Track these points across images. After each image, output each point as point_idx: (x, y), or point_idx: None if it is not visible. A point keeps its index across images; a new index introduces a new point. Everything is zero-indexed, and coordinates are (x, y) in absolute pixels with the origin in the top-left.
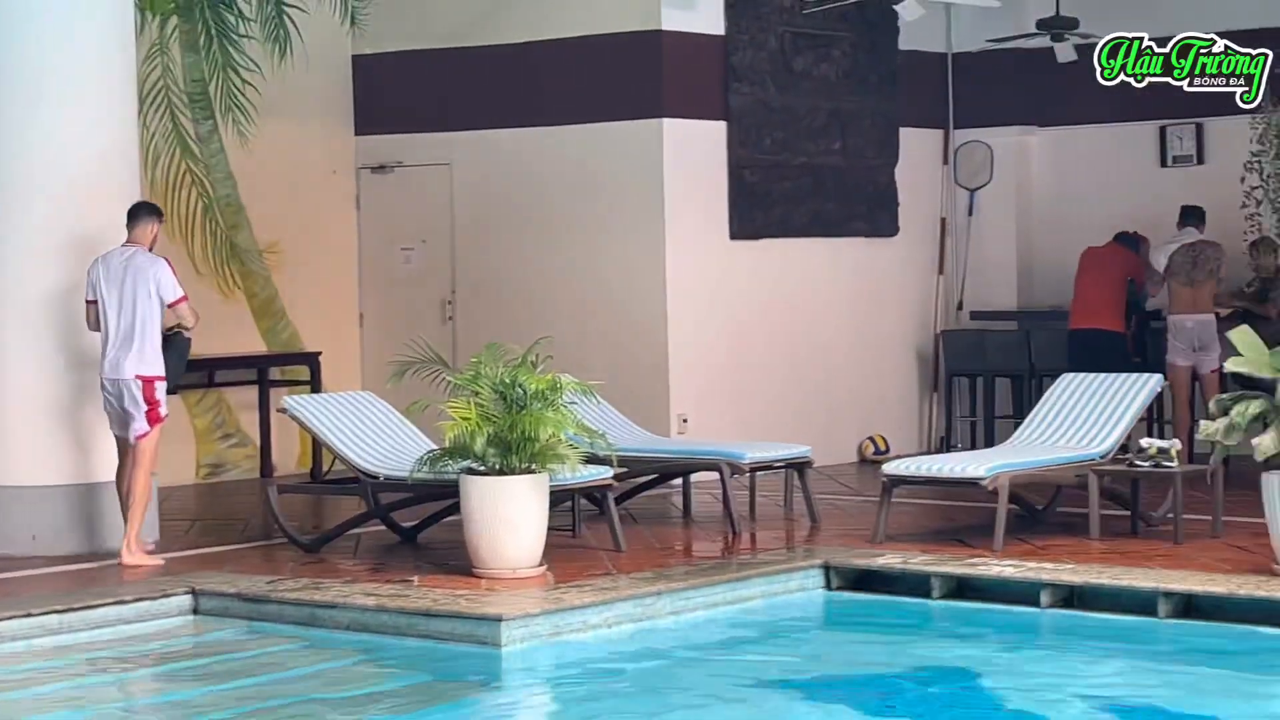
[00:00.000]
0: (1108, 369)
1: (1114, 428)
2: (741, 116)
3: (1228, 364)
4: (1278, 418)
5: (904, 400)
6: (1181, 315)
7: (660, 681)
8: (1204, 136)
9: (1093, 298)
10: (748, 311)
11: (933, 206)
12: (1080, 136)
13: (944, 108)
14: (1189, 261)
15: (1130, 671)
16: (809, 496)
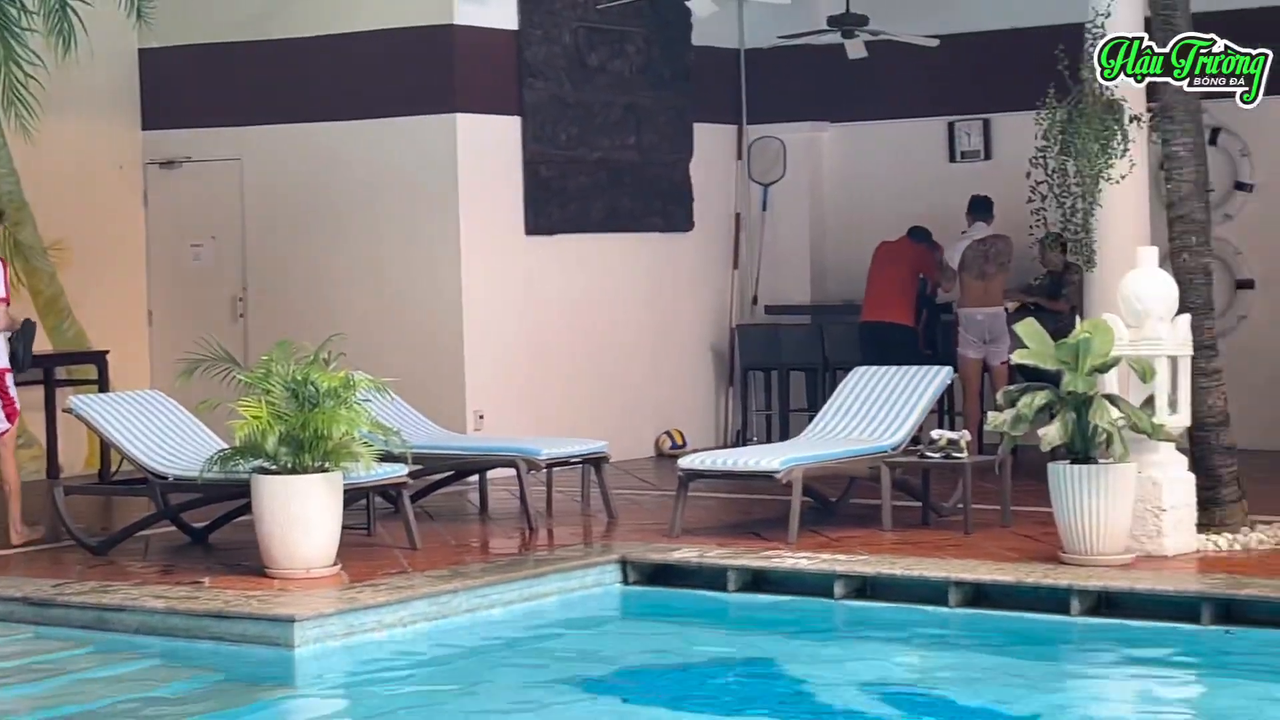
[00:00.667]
0: (899, 362)
1: (905, 420)
2: (536, 112)
3: (1014, 356)
4: (1063, 409)
5: (700, 395)
6: (972, 308)
7: (456, 680)
8: (991, 132)
9: (884, 291)
10: (544, 307)
11: (727, 202)
12: (871, 132)
13: (737, 103)
14: (980, 256)
15: (921, 661)
16: (606, 492)
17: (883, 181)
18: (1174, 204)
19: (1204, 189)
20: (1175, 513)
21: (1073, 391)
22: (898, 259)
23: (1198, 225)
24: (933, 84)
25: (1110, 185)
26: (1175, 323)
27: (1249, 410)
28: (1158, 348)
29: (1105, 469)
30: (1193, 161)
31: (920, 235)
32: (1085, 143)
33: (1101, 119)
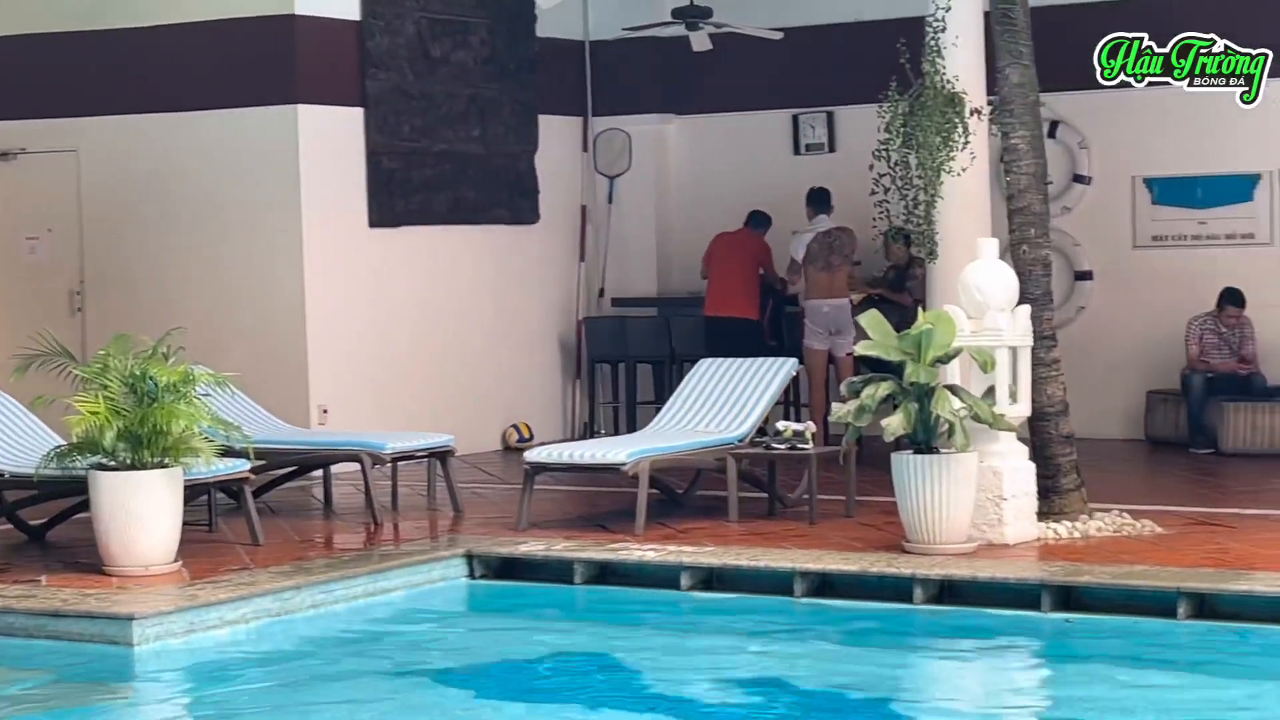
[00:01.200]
0: (745, 354)
1: (751, 412)
2: (379, 103)
3: (857, 347)
4: (905, 399)
5: (547, 387)
6: (817, 300)
7: (299, 677)
8: (835, 125)
9: (725, 285)
10: (389, 300)
11: (573, 194)
12: (716, 124)
13: (582, 95)
14: (825, 248)
15: (766, 650)
16: (452, 486)
17: (728, 174)
18: (1013, 196)
19: (1043, 182)
20: (1016, 501)
21: (915, 382)
22: (737, 250)
23: (1037, 217)
24: (777, 76)
25: (951, 178)
26: (1015, 314)
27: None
28: (998, 338)
29: (947, 459)
30: (1031, 154)
31: (760, 221)
32: (927, 135)
33: (942, 112)
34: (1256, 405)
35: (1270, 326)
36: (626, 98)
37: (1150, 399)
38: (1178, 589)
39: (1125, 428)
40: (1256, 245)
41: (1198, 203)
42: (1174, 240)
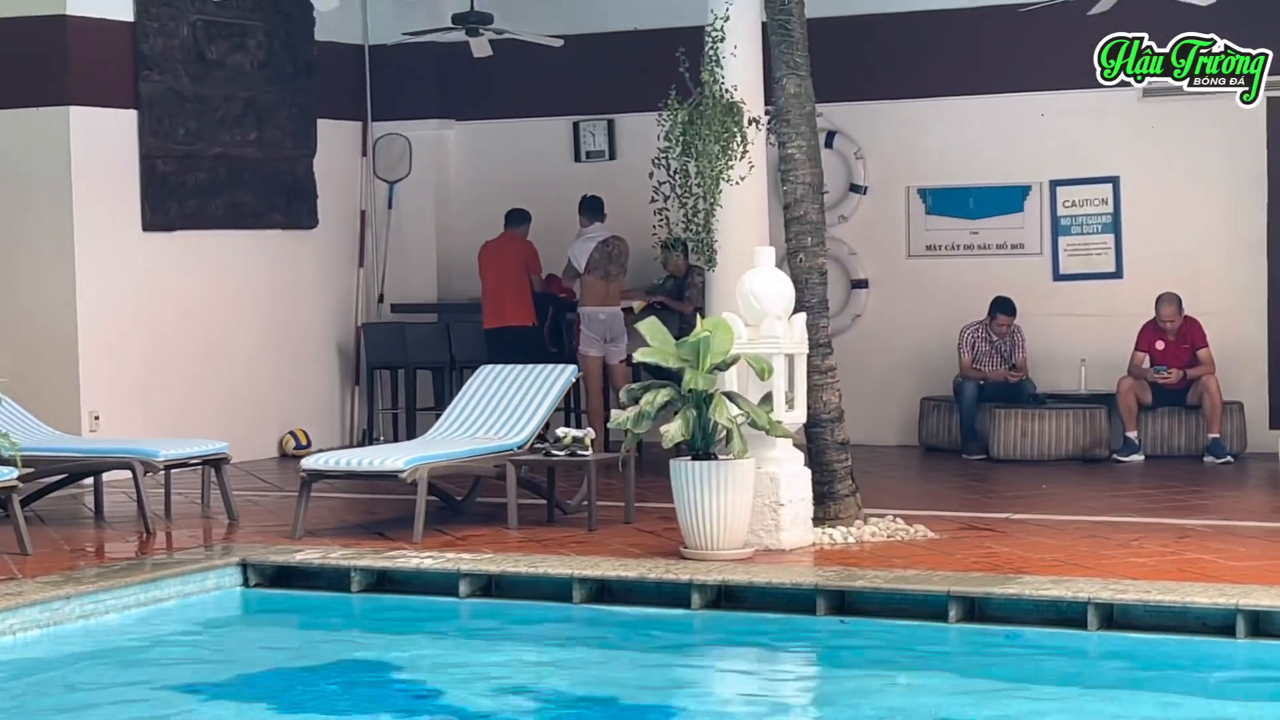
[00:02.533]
0: (524, 361)
1: (530, 418)
2: (153, 105)
3: (637, 354)
4: (684, 406)
5: (325, 394)
6: (594, 307)
7: (68, 688)
8: (615, 132)
9: (497, 295)
10: (163, 306)
11: (352, 199)
12: (497, 131)
13: (362, 99)
14: (605, 257)
15: (545, 657)
16: (226, 493)
17: (508, 180)
18: (790, 205)
19: (819, 191)
20: (792, 507)
21: (693, 389)
22: (502, 258)
23: (813, 226)
24: (557, 83)
25: (730, 186)
26: (792, 321)
27: (863, 406)
28: (775, 346)
29: (725, 465)
30: (808, 164)
31: (517, 219)
32: (706, 144)
33: (721, 121)
34: (1026, 411)
35: (1039, 334)
36: (406, 102)
37: (924, 406)
38: (948, 592)
39: (900, 434)
40: (1026, 255)
41: (970, 213)
42: (947, 250)
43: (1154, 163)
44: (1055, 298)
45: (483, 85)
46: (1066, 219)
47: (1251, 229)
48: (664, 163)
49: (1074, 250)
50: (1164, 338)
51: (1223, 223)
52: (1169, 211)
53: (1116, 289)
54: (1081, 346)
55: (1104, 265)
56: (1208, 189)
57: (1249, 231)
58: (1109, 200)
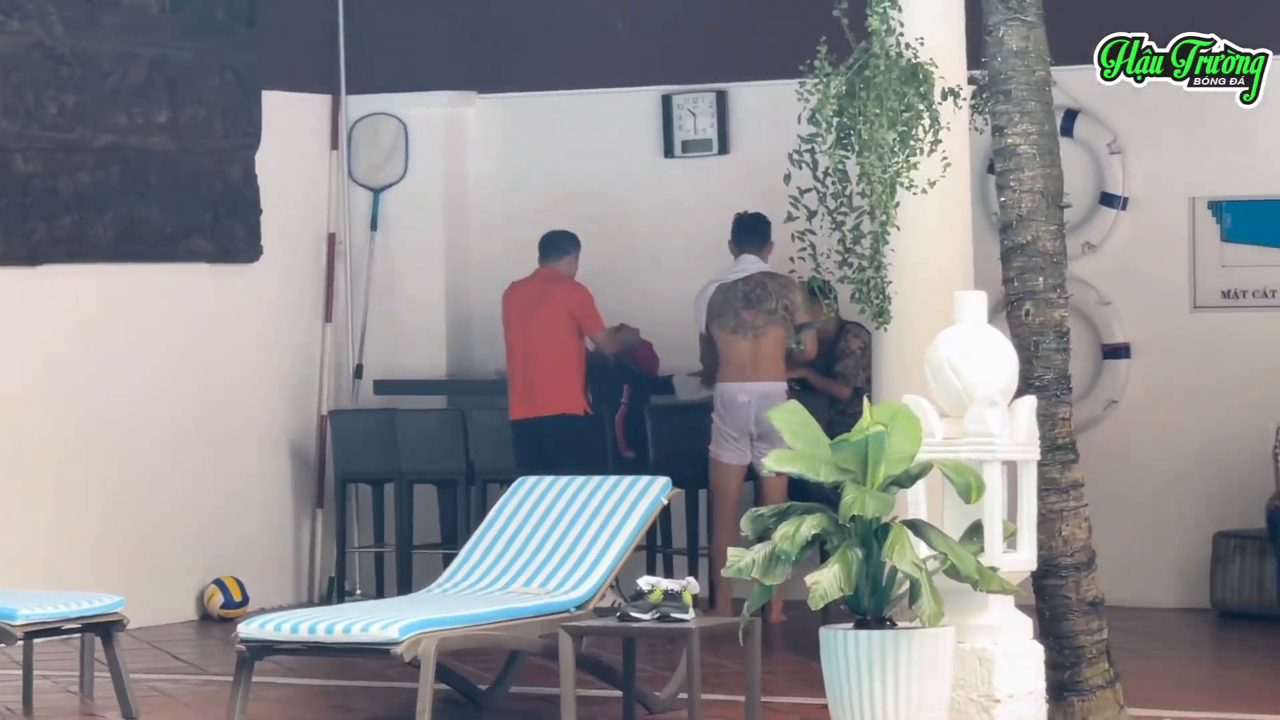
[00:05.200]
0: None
1: (597, 561)
2: (8, 69)
3: (767, 460)
4: (843, 544)
5: (270, 521)
6: (733, 384)
7: None
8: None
9: (526, 368)
10: (22, 384)
11: (316, 215)
12: (540, 108)
13: (332, 62)
14: (740, 299)
15: None
16: (120, 676)
17: (559, 186)
18: (1011, 226)
19: (1057, 204)
20: (1016, 705)
21: (858, 516)
22: (535, 309)
23: (1047, 259)
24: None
25: (914, 195)
26: (1015, 409)
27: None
28: (989, 449)
29: (908, 637)
30: (1039, 162)
31: (556, 246)
32: (875, 130)
33: (900, 93)
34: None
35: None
36: (401, 66)
37: (1220, 544)
38: None
39: (1183, 589)
40: None
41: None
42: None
43: None
44: None
45: (519, 39)
46: None
47: None
48: (808, 159)
49: None
50: None
51: None
52: None
53: None
54: None
55: None
56: None
57: None
58: None
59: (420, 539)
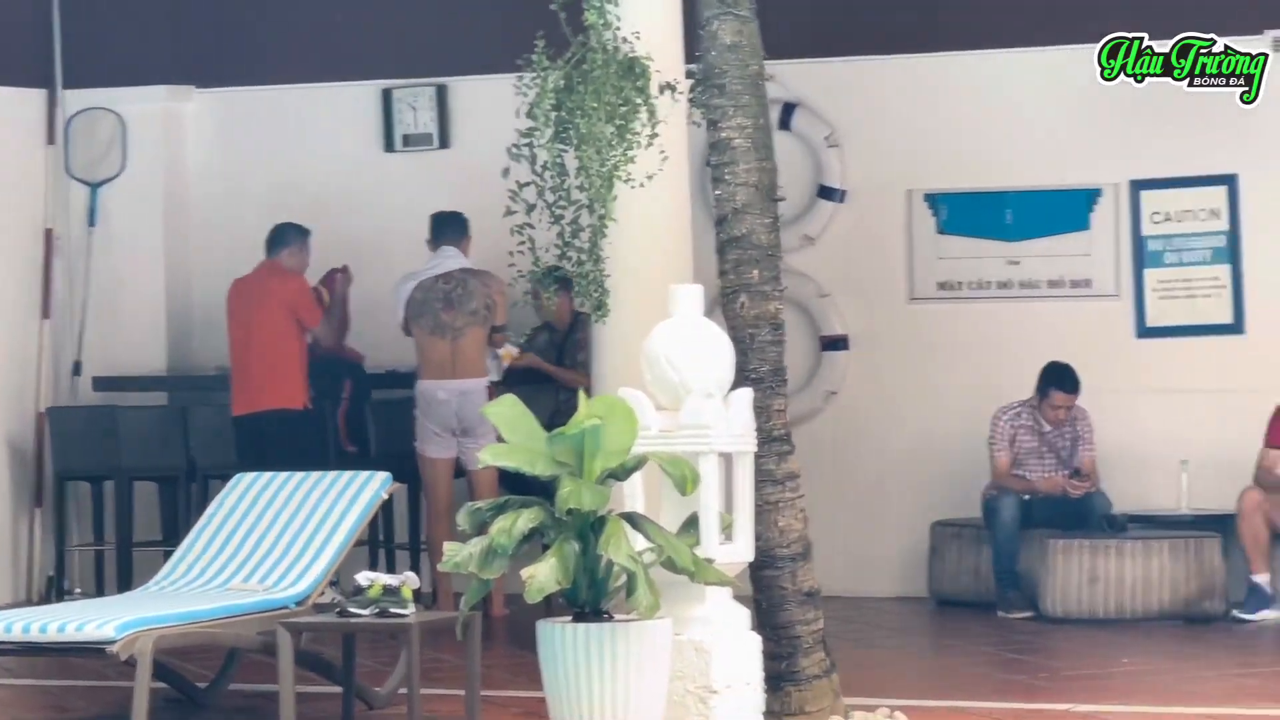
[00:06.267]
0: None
1: (316, 557)
2: None
3: (482, 454)
4: (560, 537)
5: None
6: (432, 381)
7: None
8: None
9: (247, 362)
10: None
11: (31, 211)
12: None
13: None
14: (439, 299)
15: None
16: None
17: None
18: (726, 219)
19: (771, 197)
20: (733, 696)
21: (575, 510)
22: (257, 304)
23: (762, 252)
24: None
25: (631, 189)
26: (730, 402)
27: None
28: (704, 441)
29: (624, 629)
30: (754, 155)
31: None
32: (593, 124)
33: (618, 87)
34: (1096, 543)
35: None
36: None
37: (937, 534)
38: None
39: (900, 579)
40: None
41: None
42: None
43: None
44: (1140, 365)
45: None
46: (1157, 242)
47: None
48: (527, 153)
49: (1168, 290)
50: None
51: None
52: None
53: (1235, 350)
54: (1182, 440)
55: (1215, 313)
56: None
57: None
58: (1222, 213)
59: (141, 536)
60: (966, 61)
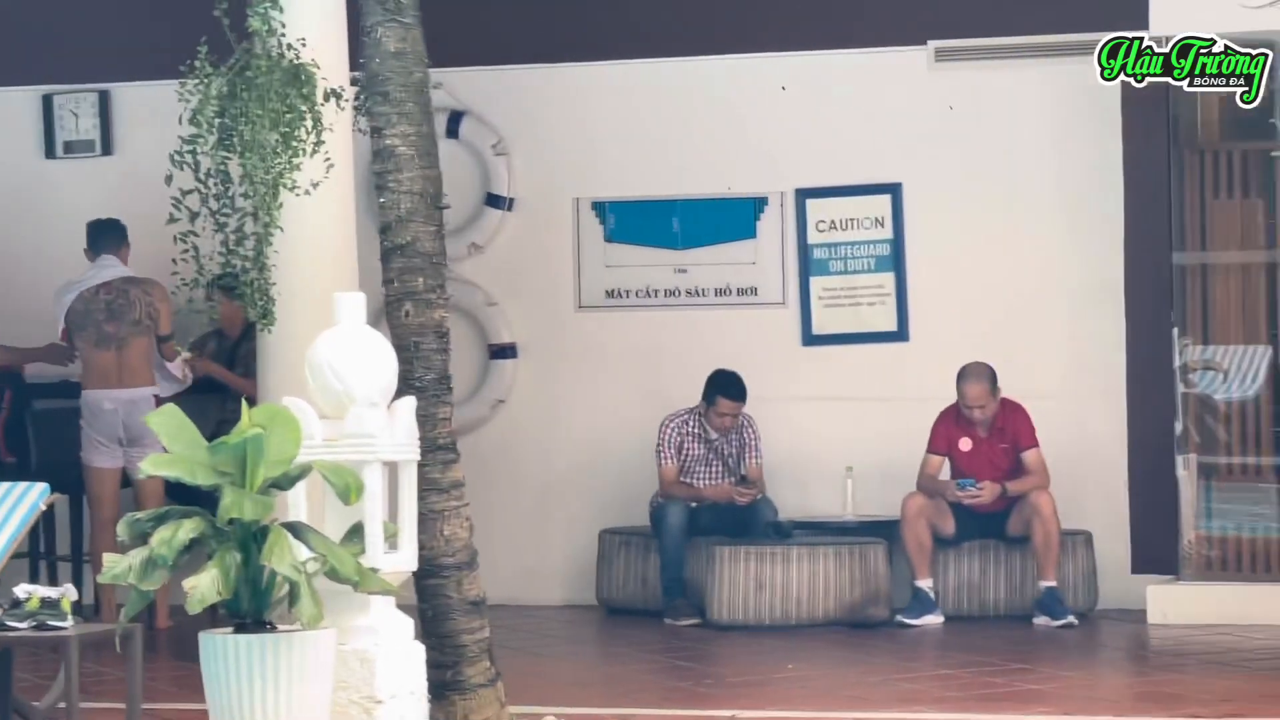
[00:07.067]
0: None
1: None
2: None
3: (144, 464)
4: (222, 547)
5: None
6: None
7: None
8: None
9: None
10: None
11: None
12: None
13: None
14: (101, 310)
15: None
16: None
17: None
18: (390, 227)
19: (436, 204)
20: (397, 705)
21: (236, 519)
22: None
23: (426, 260)
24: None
25: (296, 196)
26: (394, 410)
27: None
28: (368, 449)
29: (287, 639)
30: (417, 163)
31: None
32: (257, 130)
33: (282, 94)
34: (761, 550)
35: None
36: None
37: (605, 542)
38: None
39: (567, 587)
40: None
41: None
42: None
43: (953, 163)
44: (806, 372)
45: None
46: (822, 250)
47: (1102, 266)
48: (190, 160)
49: (833, 298)
50: (971, 432)
51: (1059, 255)
52: (977, 238)
53: (899, 357)
54: (847, 447)
55: (879, 321)
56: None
57: (1098, 269)
58: (886, 220)
59: None
60: (633, 70)
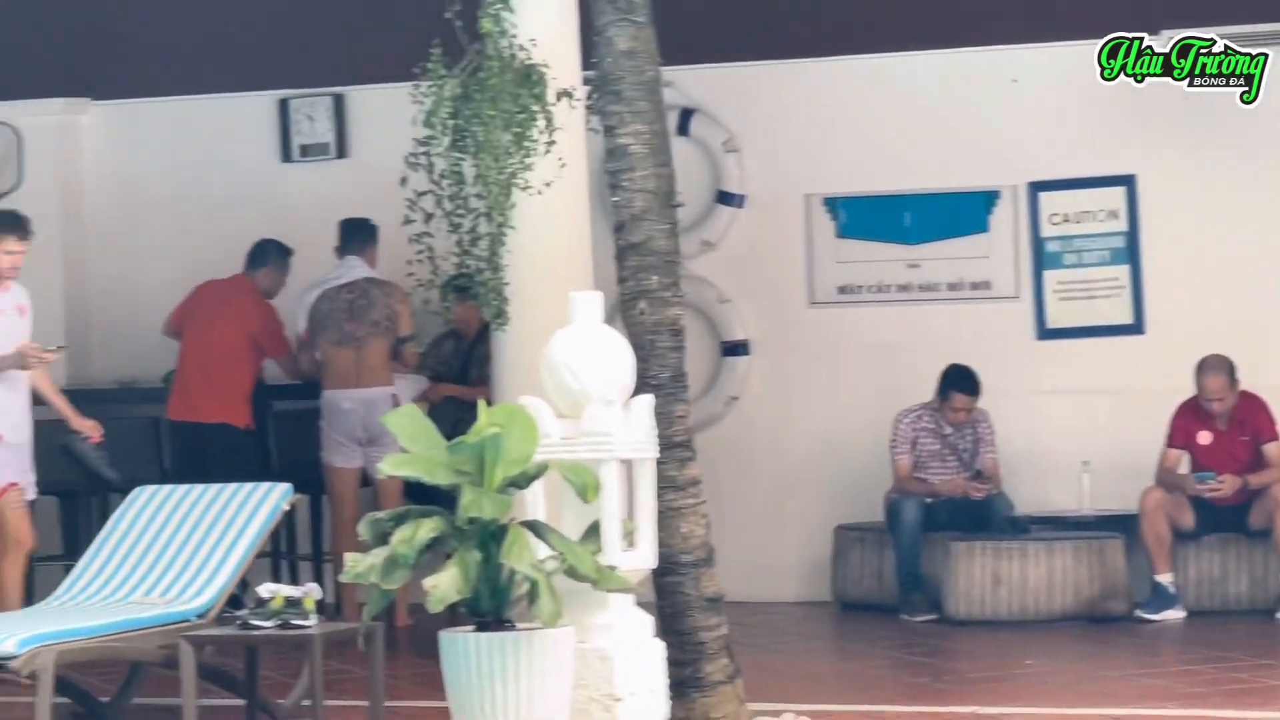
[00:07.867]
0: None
1: (218, 570)
2: None
3: (383, 464)
4: (461, 546)
5: None
6: (337, 391)
7: None
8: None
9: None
10: None
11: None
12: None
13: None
14: (342, 309)
15: None
16: None
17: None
18: (624, 226)
19: (669, 203)
20: (637, 703)
21: (476, 518)
22: (219, 313)
23: (660, 258)
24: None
25: (529, 196)
26: (631, 408)
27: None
28: (606, 448)
29: (527, 637)
30: (651, 161)
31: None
32: (490, 131)
33: (514, 94)
34: (998, 546)
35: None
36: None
37: (840, 539)
38: None
39: (803, 584)
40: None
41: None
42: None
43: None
44: (1040, 366)
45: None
46: (1055, 243)
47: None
48: (425, 162)
49: (1068, 291)
50: (1211, 425)
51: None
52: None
53: (1135, 350)
54: (1083, 441)
55: (1114, 314)
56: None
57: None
58: (1120, 213)
59: (42, 551)
60: (863, 65)
